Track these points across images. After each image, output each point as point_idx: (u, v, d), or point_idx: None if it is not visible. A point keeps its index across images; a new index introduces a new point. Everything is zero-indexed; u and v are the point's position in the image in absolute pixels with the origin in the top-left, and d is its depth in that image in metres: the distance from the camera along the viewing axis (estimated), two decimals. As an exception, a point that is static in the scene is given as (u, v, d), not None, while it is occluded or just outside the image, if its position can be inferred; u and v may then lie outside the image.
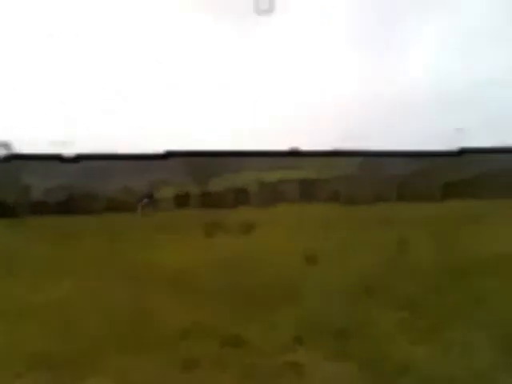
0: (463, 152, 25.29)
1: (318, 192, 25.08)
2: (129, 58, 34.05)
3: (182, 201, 25.78)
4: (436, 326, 7.64)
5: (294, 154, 26.54)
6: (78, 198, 25.24)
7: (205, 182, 26.89)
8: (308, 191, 25.32)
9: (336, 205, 22.67)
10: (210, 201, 25.14)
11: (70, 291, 10.51)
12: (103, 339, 7.51)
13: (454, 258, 12.47)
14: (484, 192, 22.55)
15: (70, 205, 24.64)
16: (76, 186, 25.91)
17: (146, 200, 24.80)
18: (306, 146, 25.45)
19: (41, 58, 33.57)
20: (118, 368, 6.48)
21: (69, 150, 23.10)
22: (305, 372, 6.15)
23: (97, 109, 31.29)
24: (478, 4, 33.88)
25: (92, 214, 23.91)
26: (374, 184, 25.17)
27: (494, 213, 18.95)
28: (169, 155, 26.13)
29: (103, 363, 6.67)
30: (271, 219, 20.35)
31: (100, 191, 26.14)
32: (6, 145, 23.29)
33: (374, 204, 22.38)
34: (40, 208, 24.39)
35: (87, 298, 9.89)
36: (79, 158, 24.49)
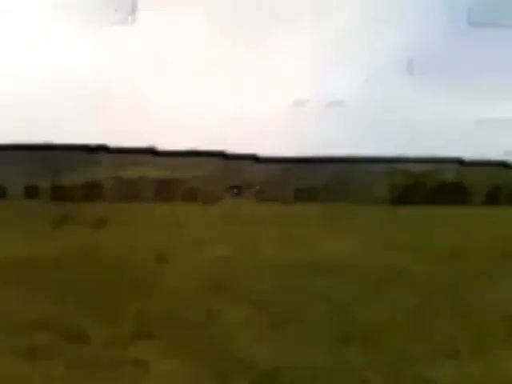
0: (312, 160, 26.91)
1: (173, 191, 24.99)
2: None
3: (31, 193, 24.35)
4: (280, 323, 7.77)
5: (152, 152, 26.23)
6: None
7: (57, 176, 25.63)
8: (164, 190, 25.09)
9: (189, 204, 22.73)
10: (61, 195, 23.90)
11: None
12: None
13: (300, 257, 12.96)
14: (335, 197, 24.05)
15: None
16: None
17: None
18: (164, 145, 25.49)
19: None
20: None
21: None
22: (147, 367, 6.02)
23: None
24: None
25: None
26: (232, 185, 25.79)
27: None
28: (17, 148, 24.97)
29: None
30: (124, 216, 19.77)
31: None
32: None
33: (227, 203, 22.80)
34: None
35: None
36: None
